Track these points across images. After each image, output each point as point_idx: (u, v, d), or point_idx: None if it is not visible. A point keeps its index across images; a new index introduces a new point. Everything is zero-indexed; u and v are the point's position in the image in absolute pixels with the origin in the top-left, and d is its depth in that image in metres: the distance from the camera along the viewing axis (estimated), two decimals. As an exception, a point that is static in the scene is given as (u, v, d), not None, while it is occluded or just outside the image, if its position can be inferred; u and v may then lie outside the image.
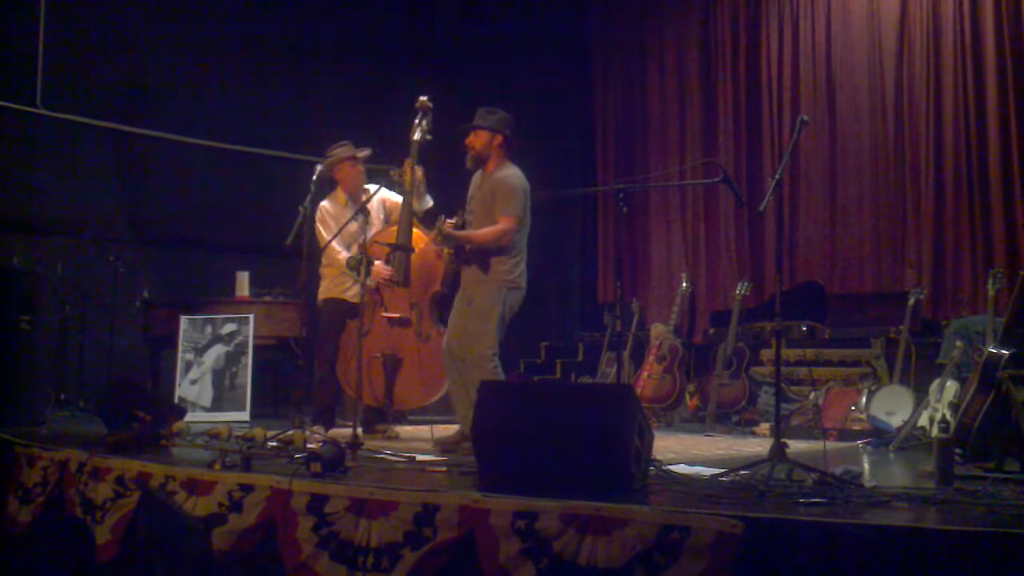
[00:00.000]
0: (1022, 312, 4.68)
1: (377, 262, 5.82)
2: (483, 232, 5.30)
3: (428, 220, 5.71)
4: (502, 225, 5.25)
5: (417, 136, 5.61)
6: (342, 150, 6.24)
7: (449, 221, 5.37)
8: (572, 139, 10.49)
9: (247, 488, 3.97)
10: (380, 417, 6.25)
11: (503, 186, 5.32)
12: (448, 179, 6.08)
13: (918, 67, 8.09)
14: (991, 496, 3.60)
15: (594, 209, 10.31)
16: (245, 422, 6.69)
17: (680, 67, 9.68)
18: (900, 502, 3.48)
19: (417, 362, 6.04)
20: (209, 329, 7.25)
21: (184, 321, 7.24)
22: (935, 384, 5.79)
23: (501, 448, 3.86)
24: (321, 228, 6.15)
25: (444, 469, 4.34)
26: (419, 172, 5.67)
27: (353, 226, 5.76)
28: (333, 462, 4.05)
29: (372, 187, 6.07)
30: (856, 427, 6.28)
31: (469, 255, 5.36)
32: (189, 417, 5.77)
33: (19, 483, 4.94)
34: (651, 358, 7.80)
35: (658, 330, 8.02)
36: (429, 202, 5.87)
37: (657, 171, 9.45)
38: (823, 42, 8.66)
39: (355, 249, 5.76)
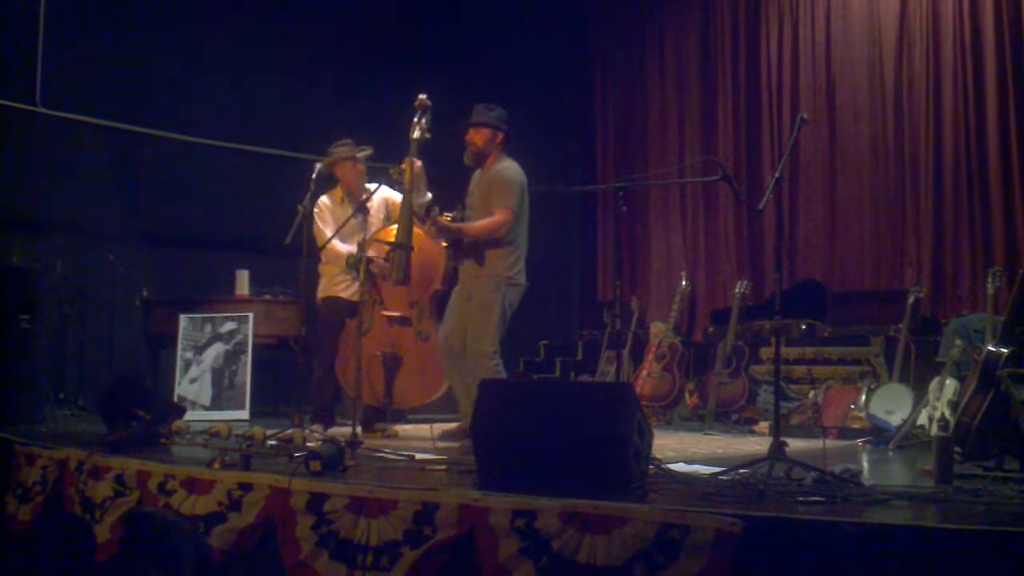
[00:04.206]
0: (1021, 310, 4.68)
1: (376, 258, 5.81)
2: (478, 224, 5.30)
3: (427, 213, 5.70)
4: (497, 217, 5.26)
5: (416, 135, 5.61)
6: (343, 149, 6.24)
7: (446, 215, 5.37)
8: (572, 137, 10.49)
9: (246, 487, 3.98)
10: (379, 416, 6.25)
11: (499, 179, 5.33)
12: (448, 177, 6.08)
13: (918, 65, 8.09)
14: (990, 494, 3.60)
15: (594, 207, 10.31)
16: (244, 421, 6.69)
17: (680, 65, 9.69)
18: (899, 501, 3.48)
19: (417, 361, 6.03)
20: (208, 328, 7.25)
21: (183, 320, 7.24)
22: (934, 382, 5.79)
23: (500, 446, 3.86)
24: (320, 223, 6.14)
25: (443, 468, 4.34)
26: (418, 166, 5.67)
27: (351, 224, 5.76)
28: (332, 461, 4.05)
29: (372, 185, 6.07)
30: (855, 425, 6.28)
31: (466, 250, 5.36)
32: (188, 416, 5.77)
33: (18, 482, 4.94)
34: (650, 356, 7.81)
35: (657, 328, 8.02)
36: (428, 196, 5.87)
37: (657, 169, 9.45)
38: (823, 40, 8.66)
39: (353, 244, 5.77)
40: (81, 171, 7.94)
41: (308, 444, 4.50)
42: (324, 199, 6.26)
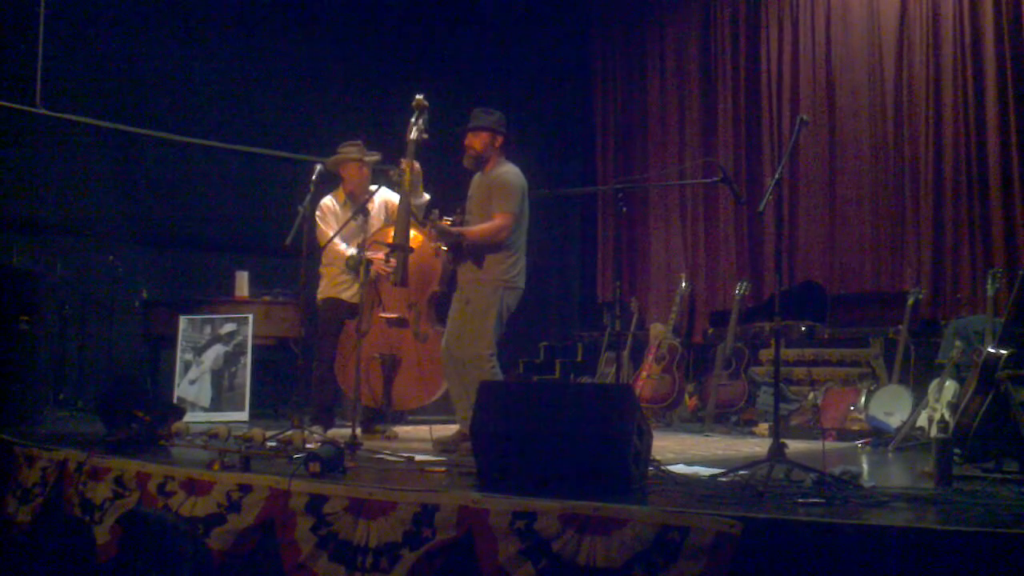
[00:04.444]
0: (1021, 312, 4.68)
1: (376, 255, 5.80)
2: (478, 228, 5.29)
3: (426, 216, 5.70)
4: (498, 221, 5.25)
5: (414, 135, 5.59)
6: (351, 149, 6.24)
7: (446, 219, 5.36)
8: (572, 139, 10.50)
9: (246, 488, 3.97)
10: (378, 417, 6.25)
11: (500, 183, 5.32)
12: (446, 178, 6.08)
13: (918, 67, 8.10)
14: (989, 496, 3.61)
15: (594, 209, 10.32)
16: (244, 422, 6.68)
17: (680, 67, 9.69)
18: (899, 502, 3.48)
19: (415, 362, 6.03)
20: (208, 329, 7.25)
21: (183, 321, 7.24)
22: (934, 384, 5.79)
23: (500, 448, 3.86)
24: (321, 225, 6.15)
25: (443, 469, 4.34)
26: (417, 168, 5.66)
27: (352, 225, 5.76)
28: (332, 462, 4.05)
29: (373, 187, 6.07)
30: (855, 427, 6.28)
31: (465, 253, 5.35)
32: (188, 417, 5.76)
33: (18, 483, 4.94)
34: (650, 358, 7.80)
35: (657, 330, 8.02)
36: (425, 197, 5.87)
37: (656, 171, 9.46)
38: (823, 42, 8.67)
39: (354, 245, 5.77)
40: (81, 173, 7.95)
41: (307, 446, 4.50)
42: (326, 201, 6.26)
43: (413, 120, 5.59)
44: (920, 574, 2.87)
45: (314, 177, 5.87)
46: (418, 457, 4.72)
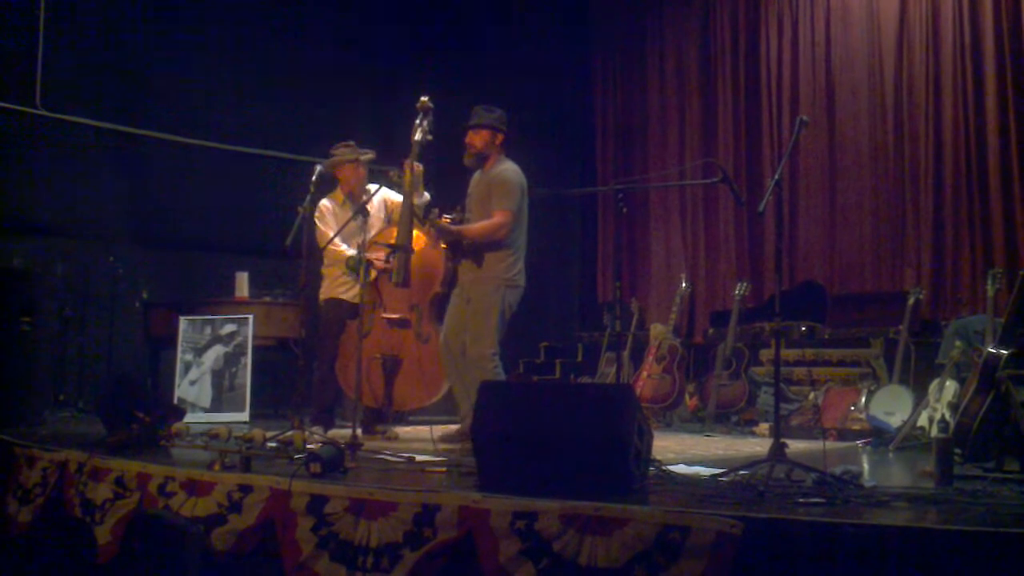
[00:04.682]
0: (1021, 312, 4.68)
1: (377, 255, 5.81)
2: (478, 226, 5.29)
3: (426, 215, 5.70)
4: (497, 219, 5.25)
5: (418, 137, 5.60)
6: (345, 151, 6.24)
7: (446, 216, 5.36)
8: (572, 139, 10.50)
9: (246, 489, 3.97)
10: (379, 418, 6.25)
11: (499, 181, 5.32)
12: (448, 178, 6.08)
13: (917, 67, 8.10)
14: (990, 496, 3.60)
15: (594, 209, 10.32)
16: (244, 423, 6.69)
17: (680, 67, 9.70)
18: (899, 502, 3.47)
19: (416, 363, 6.03)
20: (208, 330, 7.25)
21: (183, 322, 7.24)
22: (934, 384, 5.78)
23: (501, 448, 3.86)
24: (321, 226, 6.15)
25: (444, 469, 4.34)
26: (419, 168, 5.67)
27: (352, 226, 5.76)
28: (332, 463, 4.05)
29: (372, 187, 6.08)
30: (855, 427, 6.28)
31: (466, 251, 5.35)
32: (188, 418, 5.76)
33: (19, 484, 4.94)
34: (650, 358, 7.80)
35: (657, 330, 8.02)
36: (426, 196, 5.87)
37: (657, 171, 9.47)
38: (823, 43, 8.68)
39: (354, 246, 5.77)
40: (81, 173, 7.95)
41: (308, 446, 4.50)
42: (325, 202, 6.26)
43: (418, 121, 5.59)
44: (920, 574, 2.86)
45: (314, 178, 5.87)
46: (419, 457, 4.72)
